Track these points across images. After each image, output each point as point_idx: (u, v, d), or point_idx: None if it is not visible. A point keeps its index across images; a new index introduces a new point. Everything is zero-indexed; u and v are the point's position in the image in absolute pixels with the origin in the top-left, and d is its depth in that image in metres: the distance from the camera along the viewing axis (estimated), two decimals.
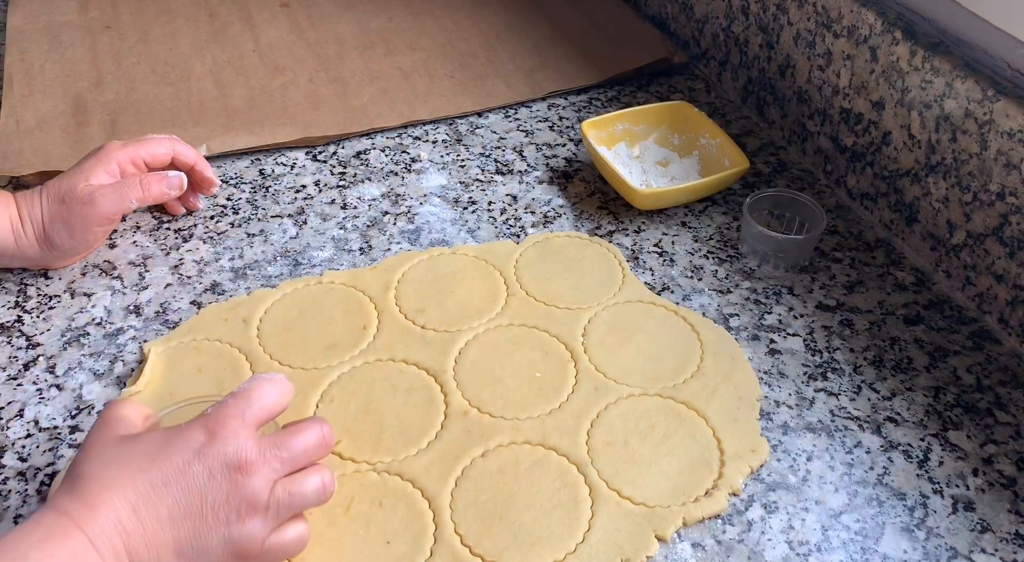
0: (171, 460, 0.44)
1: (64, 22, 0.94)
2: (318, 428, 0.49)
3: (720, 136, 0.76)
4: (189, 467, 0.44)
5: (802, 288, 0.68)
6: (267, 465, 0.46)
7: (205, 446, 0.45)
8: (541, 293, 0.67)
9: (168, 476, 0.44)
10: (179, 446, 0.45)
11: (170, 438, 0.45)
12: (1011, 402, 0.60)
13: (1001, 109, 0.61)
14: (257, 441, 0.46)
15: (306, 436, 0.48)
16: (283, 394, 0.49)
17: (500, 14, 0.99)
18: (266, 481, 0.45)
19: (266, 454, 0.46)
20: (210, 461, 0.44)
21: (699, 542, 0.52)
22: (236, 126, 0.81)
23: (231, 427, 0.46)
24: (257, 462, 0.45)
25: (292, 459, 0.47)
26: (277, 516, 0.46)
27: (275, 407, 0.48)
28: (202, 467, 0.44)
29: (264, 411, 0.47)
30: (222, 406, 0.47)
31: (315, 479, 0.48)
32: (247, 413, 0.47)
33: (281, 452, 0.46)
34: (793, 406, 0.60)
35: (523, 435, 0.57)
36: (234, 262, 0.69)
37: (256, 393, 0.48)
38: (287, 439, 0.47)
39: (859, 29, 0.71)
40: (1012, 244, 0.62)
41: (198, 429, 0.46)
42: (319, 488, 0.48)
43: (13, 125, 0.78)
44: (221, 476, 0.44)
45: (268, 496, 0.45)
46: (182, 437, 0.45)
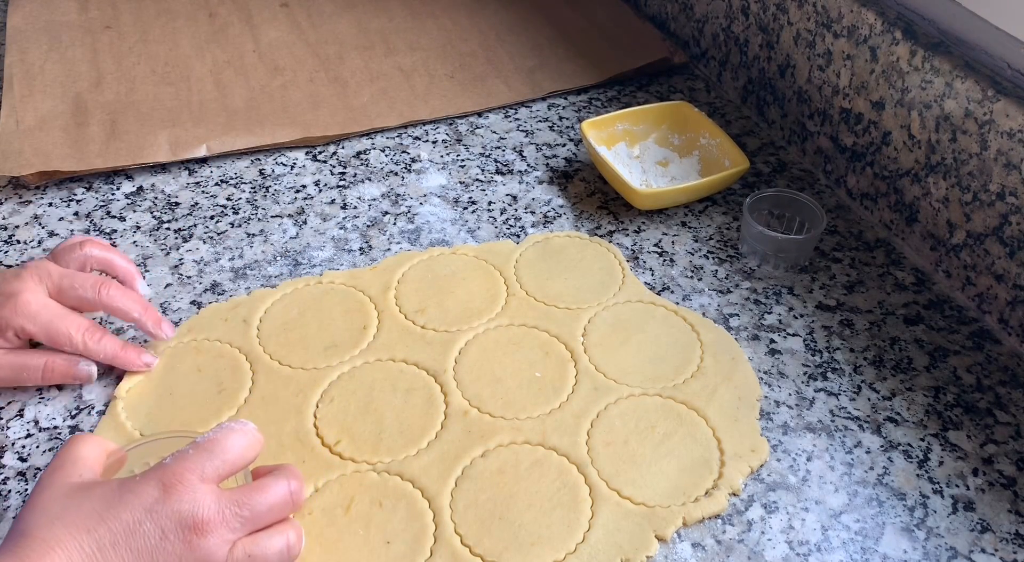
0: (120, 518, 0.41)
1: (64, 22, 0.94)
2: (285, 484, 0.46)
3: (720, 136, 0.76)
4: (140, 526, 0.41)
5: (802, 288, 0.68)
6: (225, 525, 0.42)
7: (158, 503, 0.42)
8: (541, 293, 0.67)
9: (116, 536, 0.41)
10: (130, 502, 0.42)
11: (122, 492, 0.42)
12: (1011, 402, 0.60)
13: (1001, 109, 0.61)
14: (217, 498, 0.43)
15: (271, 492, 0.45)
16: (250, 445, 0.46)
17: (500, 14, 0.99)
18: (223, 542, 0.42)
19: (225, 512, 0.43)
20: (162, 520, 0.41)
21: (699, 542, 0.52)
22: (236, 126, 0.81)
23: (188, 482, 0.43)
24: (214, 521, 0.42)
25: (254, 518, 0.44)
26: None
27: (240, 460, 0.45)
28: (154, 526, 0.41)
29: (227, 464, 0.44)
30: (182, 457, 0.44)
31: (279, 539, 0.45)
32: (207, 466, 0.43)
33: (242, 510, 0.43)
34: (793, 406, 0.60)
35: (523, 435, 0.57)
36: (234, 262, 0.69)
37: (220, 444, 0.45)
38: (250, 496, 0.44)
39: (859, 29, 0.71)
40: (1012, 244, 0.62)
41: (152, 483, 0.42)
42: (282, 550, 0.45)
43: (13, 125, 0.78)
44: (174, 536, 0.41)
45: (226, 558, 0.42)
46: (134, 492, 0.42)
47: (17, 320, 0.55)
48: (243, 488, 0.45)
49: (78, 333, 0.57)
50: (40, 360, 0.57)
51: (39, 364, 0.57)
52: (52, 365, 0.57)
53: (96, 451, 0.46)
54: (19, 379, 0.57)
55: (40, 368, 0.57)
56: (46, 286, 0.58)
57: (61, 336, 0.56)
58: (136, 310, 0.60)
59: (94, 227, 0.71)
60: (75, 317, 0.57)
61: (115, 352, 0.58)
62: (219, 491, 0.44)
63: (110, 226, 0.72)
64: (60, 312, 0.57)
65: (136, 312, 0.60)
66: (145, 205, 0.74)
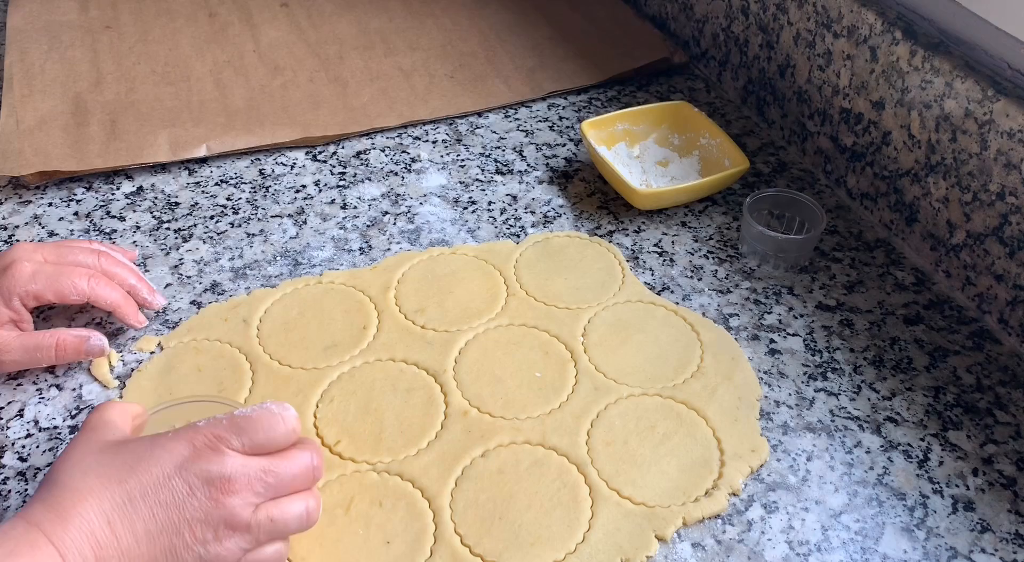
0: (151, 472, 0.43)
1: (64, 22, 0.94)
2: (308, 456, 0.47)
3: (720, 136, 0.76)
4: (169, 481, 0.43)
5: (802, 288, 0.68)
6: (250, 487, 0.44)
7: (188, 461, 0.43)
8: (541, 293, 0.67)
9: (146, 488, 0.42)
10: (161, 457, 0.43)
11: (152, 448, 0.44)
12: (1011, 402, 0.60)
13: (1001, 109, 0.61)
14: (244, 462, 0.44)
15: (295, 462, 0.46)
16: (285, 432, 0.46)
17: (500, 14, 0.99)
18: (247, 503, 0.44)
19: (251, 476, 0.44)
20: (191, 477, 0.43)
21: (699, 542, 0.52)
22: (236, 126, 0.81)
23: (217, 447, 0.44)
24: (240, 483, 0.44)
25: (277, 484, 0.45)
26: (256, 540, 0.44)
27: (270, 444, 0.46)
28: (182, 482, 0.43)
29: (256, 444, 0.45)
30: (216, 424, 0.45)
31: (299, 505, 0.46)
32: (236, 440, 0.45)
33: (267, 476, 0.44)
34: (793, 406, 0.60)
35: (523, 435, 0.57)
36: (234, 262, 0.69)
37: (256, 423, 0.45)
38: (275, 463, 0.45)
39: (859, 29, 0.71)
40: (1012, 244, 0.62)
41: (183, 442, 0.44)
42: (302, 515, 0.46)
43: (13, 125, 0.78)
44: (201, 493, 0.43)
45: (249, 518, 0.44)
46: (165, 449, 0.44)
47: (20, 285, 0.57)
48: (269, 456, 0.46)
49: (83, 280, 0.58)
50: (51, 339, 0.57)
51: (51, 343, 0.57)
52: (63, 343, 0.58)
53: (124, 416, 0.47)
54: (33, 360, 0.58)
55: (52, 347, 0.57)
56: (41, 254, 0.59)
57: (67, 286, 0.58)
58: (132, 276, 0.62)
59: (94, 227, 0.71)
60: (77, 267, 0.59)
61: (119, 301, 0.60)
62: (245, 456, 0.45)
63: (110, 226, 0.72)
64: (61, 265, 0.59)
65: (132, 278, 0.62)
66: (145, 205, 0.74)
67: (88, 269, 0.60)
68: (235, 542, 0.44)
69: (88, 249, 0.61)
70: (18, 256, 0.58)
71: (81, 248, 0.61)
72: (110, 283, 0.60)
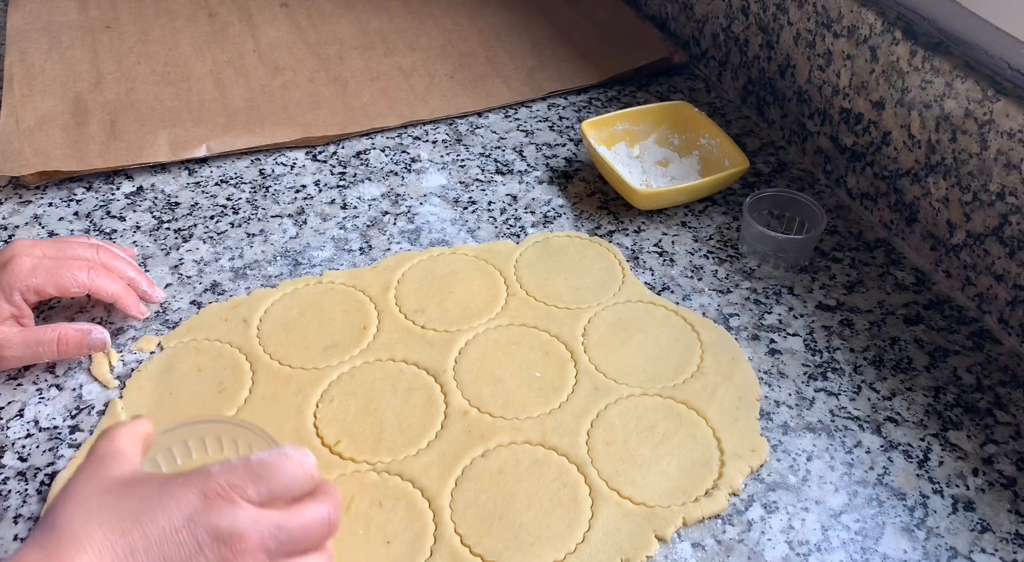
0: (157, 522, 0.40)
1: (64, 22, 0.94)
2: (325, 510, 0.44)
3: (720, 136, 0.76)
4: (176, 534, 0.40)
5: (802, 288, 0.68)
6: (262, 546, 0.41)
7: (197, 513, 0.41)
8: (541, 293, 0.67)
9: (150, 542, 0.40)
10: (168, 507, 0.41)
11: (161, 495, 0.41)
12: (1011, 402, 0.60)
13: (1001, 109, 0.61)
14: (256, 517, 0.42)
15: (311, 518, 0.43)
16: (304, 479, 0.44)
17: (500, 14, 0.99)
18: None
19: (263, 533, 0.41)
20: (199, 531, 0.40)
21: (699, 542, 0.52)
22: (236, 126, 0.81)
23: (230, 497, 0.42)
24: (252, 541, 0.41)
25: (291, 541, 0.42)
26: None
27: (287, 492, 0.43)
28: (190, 536, 0.40)
29: (273, 493, 0.43)
30: (230, 471, 0.43)
31: None
32: (251, 489, 0.42)
33: (280, 534, 0.42)
34: (793, 406, 0.60)
35: (523, 435, 0.57)
36: (234, 262, 0.69)
37: (272, 470, 0.43)
38: (289, 518, 0.43)
39: (859, 29, 0.71)
40: (1012, 244, 0.62)
41: (194, 491, 0.41)
42: None
43: (13, 125, 0.78)
44: (210, 550, 0.40)
45: None
46: (174, 497, 0.41)
47: (20, 280, 0.56)
48: (283, 511, 0.43)
49: (83, 272, 0.58)
50: (53, 333, 0.57)
51: (52, 337, 0.57)
52: (65, 337, 0.57)
53: (133, 443, 0.45)
54: (36, 355, 0.57)
55: (54, 341, 0.57)
56: (40, 249, 0.59)
57: (67, 279, 0.58)
58: (131, 269, 0.62)
59: (94, 227, 0.71)
60: (77, 260, 0.59)
61: (119, 292, 0.60)
62: (259, 510, 0.42)
63: (110, 226, 0.72)
64: (61, 259, 0.59)
65: (131, 271, 0.62)
66: (145, 205, 0.74)
67: (88, 262, 0.60)
68: None
69: (87, 244, 0.62)
70: (17, 251, 0.58)
71: (80, 243, 0.61)
72: (110, 275, 0.60)
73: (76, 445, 0.55)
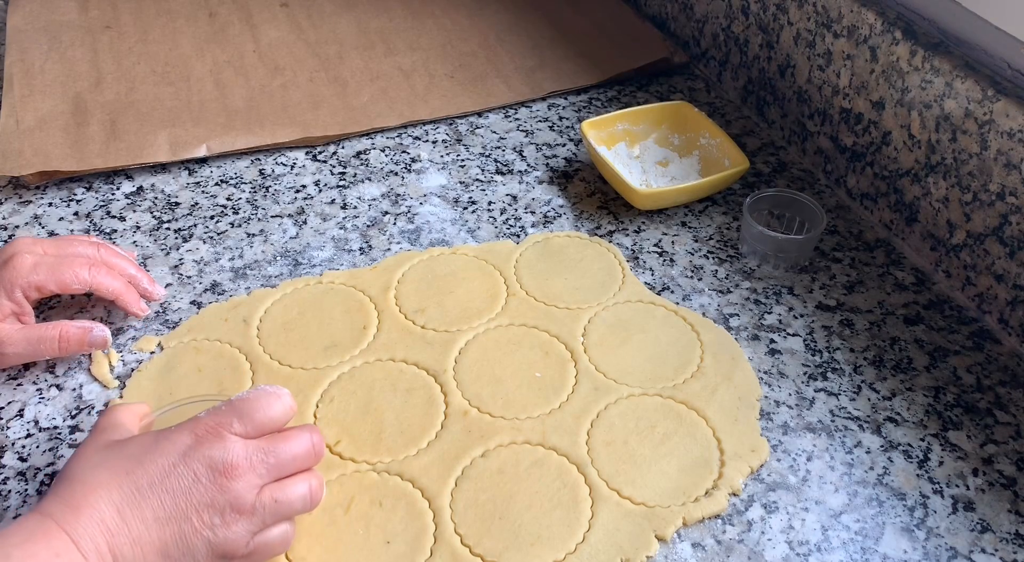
0: (157, 462, 0.44)
1: (64, 22, 0.94)
2: (307, 436, 0.48)
3: (720, 136, 0.76)
4: (174, 469, 0.44)
5: (802, 288, 0.68)
6: (253, 470, 0.45)
7: (191, 449, 0.45)
8: (541, 293, 0.67)
9: (153, 478, 0.44)
10: (165, 449, 0.45)
11: (157, 441, 0.45)
12: (1011, 402, 0.60)
13: (1001, 109, 0.61)
14: (245, 446, 0.46)
15: (295, 443, 0.47)
16: (283, 411, 0.48)
17: (500, 14, 0.99)
18: (251, 486, 0.45)
19: (252, 459, 0.45)
20: (194, 464, 0.44)
21: (699, 542, 0.52)
22: (236, 126, 0.81)
23: (219, 433, 0.46)
24: (243, 466, 0.45)
25: (279, 465, 0.46)
26: (262, 521, 0.46)
27: (270, 424, 0.47)
28: (187, 469, 0.44)
29: (256, 426, 0.47)
30: (215, 412, 0.47)
31: (302, 486, 0.47)
32: (236, 423, 0.46)
33: (268, 458, 0.46)
34: (793, 406, 0.60)
35: (523, 435, 0.57)
36: (234, 262, 0.69)
37: (253, 405, 0.47)
38: (275, 445, 0.47)
39: (859, 29, 0.71)
40: (1012, 244, 0.62)
41: (186, 433, 0.46)
42: (305, 495, 0.47)
43: (13, 125, 0.78)
44: (206, 479, 0.44)
45: (254, 500, 0.45)
46: (169, 440, 0.45)
47: (21, 277, 0.57)
48: (269, 437, 0.47)
49: (84, 269, 0.59)
50: (55, 331, 0.58)
51: (54, 335, 0.58)
52: (67, 334, 0.58)
53: (132, 417, 0.49)
54: (37, 352, 0.58)
55: (56, 339, 0.58)
56: (41, 247, 0.60)
57: (68, 276, 0.58)
58: (132, 267, 0.63)
59: (94, 227, 0.71)
60: (79, 257, 0.60)
61: (120, 289, 0.61)
62: (246, 440, 0.46)
63: (110, 226, 0.72)
64: (62, 256, 0.59)
65: (132, 269, 0.63)
66: (145, 205, 0.74)
67: (89, 259, 0.60)
68: (242, 525, 0.45)
69: (87, 241, 0.62)
70: (18, 249, 0.58)
71: (80, 241, 0.62)
72: (111, 272, 0.60)
73: (76, 445, 0.55)
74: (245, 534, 0.45)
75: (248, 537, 0.45)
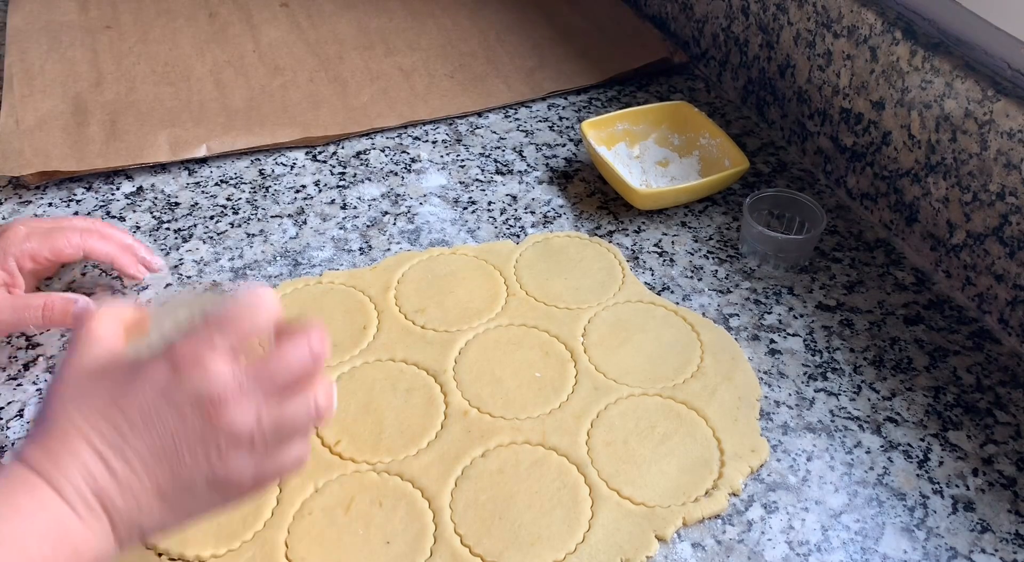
0: (134, 403, 0.40)
1: (64, 22, 0.94)
2: (304, 343, 0.42)
3: (720, 136, 0.76)
4: (156, 409, 0.40)
5: (802, 288, 0.68)
6: (245, 396, 0.40)
7: (171, 383, 0.40)
8: (541, 293, 0.67)
9: (133, 420, 0.40)
10: (140, 387, 0.40)
11: (132, 377, 0.41)
12: (1011, 402, 0.60)
13: (1001, 109, 0.61)
14: (231, 370, 0.40)
15: (291, 354, 0.42)
16: (263, 312, 0.42)
17: (500, 14, 0.99)
18: (246, 413, 0.40)
19: (244, 383, 0.40)
20: (179, 401, 0.40)
21: (699, 542, 0.52)
22: (236, 126, 0.81)
23: (199, 358, 0.40)
24: (233, 395, 0.40)
25: (275, 384, 0.41)
26: (266, 448, 0.41)
27: (252, 329, 0.42)
28: (170, 409, 0.40)
29: (239, 335, 0.41)
30: (191, 335, 0.41)
31: (303, 402, 0.42)
32: (220, 339, 0.41)
33: (261, 378, 0.41)
34: (793, 406, 0.60)
35: (523, 435, 0.57)
36: (234, 262, 0.69)
37: (230, 316, 0.41)
38: (268, 363, 0.41)
39: (859, 29, 0.71)
40: (1012, 244, 0.62)
41: (163, 364, 0.40)
42: (309, 411, 0.42)
43: (13, 125, 0.78)
44: (193, 415, 0.40)
45: (252, 429, 0.40)
46: (143, 376, 0.40)
47: (14, 245, 0.57)
48: (261, 357, 0.42)
49: (76, 235, 0.59)
50: (40, 300, 0.58)
51: (39, 303, 0.58)
52: (51, 304, 0.58)
53: (113, 327, 0.44)
54: (21, 321, 0.58)
55: (40, 307, 0.57)
56: (37, 222, 0.61)
57: (61, 242, 0.59)
58: (127, 237, 0.63)
59: None
60: (73, 222, 0.60)
61: (115, 252, 0.61)
62: (233, 363, 0.41)
63: None
64: (56, 224, 0.60)
65: (128, 239, 0.63)
66: (145, 205, 0.74)
67: (82, 228, 0.60)
68: (242, 457, 0.41)
69: (82, 218, 0.63)
70: (13, 223, 0.60)
71: (75, 218, 0.63)
72: (105, 238, 0.61)
73: None
74: (248, 465, 0.41)
75: (252, 468, 0.41)
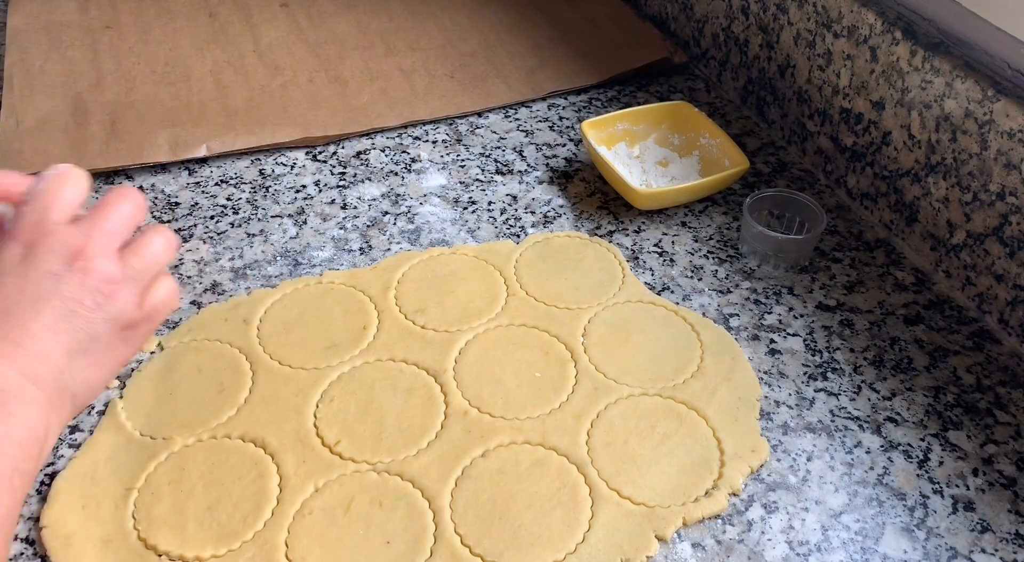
0: (7, 285, 0.45)
1: (64, 22, 0.94)
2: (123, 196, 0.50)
3: (720, 136, 0.76)
4: (28, 283, 0.45)
5: (802, 288, 0.68)
6: (100, 243, 0.47)
7: (30, 256, 0.46)
8: (541, 293, 0.67)
9: (15, 298, 0.44)
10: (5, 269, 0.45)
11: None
12: (1011, 402, 0.60)
13: (1001, 109, 0.61)
14: (76, 229, 0.47)
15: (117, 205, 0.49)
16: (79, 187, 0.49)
17: (500, 14, 0.99)
18: (107, 257, 0.47)
19: (91, 234, 0.47)
20: (45, 267, 0.45)
21: (699, 542, 0.52)
22: (236, 126, 0.81)
23: (44, 229, 0.46)
24: (88, 244, 0.46)
25: (113, 226, 0.48)
26: (140, 280, 0.49)
27: (75, 200, 0.49)
28: (42, 276, 0.45)
29: (66, 206, 0.48)
30: (22, 215, 0.47)
31: (156, 239, 0.50)
32: (50, 213, 0.47)
33: (103, 226, 0.48)
34: (793, 406, 0.60)
35: (523, 435, 0.57)
36: (234, 262, 0.69)
37: (50, 192, 0.48)
38: (100, 216, 0.48)
39: (859, 29, 0.71)
40: (1012, 244, 0.62)
41: (11, 244, 0.46)
42: (162, 244, 0.50)
43: (13, 125, 0.78)
44: (66, 272, 0.45)
45: (119, 269, 0.47)
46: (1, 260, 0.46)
47: None
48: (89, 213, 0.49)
49: None
50: None
51: None
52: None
53: None
54: None
55: None
56: None
57: None
58: None
59: None
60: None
61: None
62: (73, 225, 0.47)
63: None
64: None
65: None
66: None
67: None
68: (124, 292, 0.48)
69: None
70: None
71: None
72: None
73: (76, 445, 0.55)
74: (132, 297, 0.48)
75: (136, 299, 0.48)
